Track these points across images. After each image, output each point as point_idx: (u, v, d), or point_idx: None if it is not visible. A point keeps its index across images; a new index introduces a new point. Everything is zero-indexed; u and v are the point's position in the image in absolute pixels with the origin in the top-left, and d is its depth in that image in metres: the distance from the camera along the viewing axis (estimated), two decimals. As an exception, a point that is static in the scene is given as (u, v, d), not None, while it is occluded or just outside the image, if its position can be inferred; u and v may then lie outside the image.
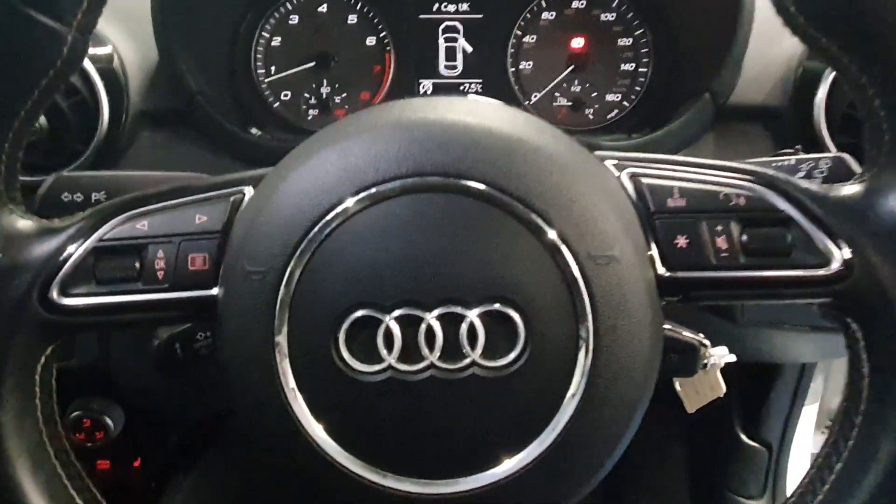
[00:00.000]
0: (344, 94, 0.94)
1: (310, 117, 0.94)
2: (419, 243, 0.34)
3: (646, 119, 0.92)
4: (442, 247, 0.34)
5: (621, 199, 0.37)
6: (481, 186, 0.34)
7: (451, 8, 0.93)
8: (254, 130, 0.86)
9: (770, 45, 0.79)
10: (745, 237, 0.36)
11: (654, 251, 0.37)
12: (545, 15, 0.92)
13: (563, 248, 0.34)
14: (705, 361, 0.44)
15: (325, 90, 0.93)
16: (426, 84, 0.95)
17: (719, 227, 0.36)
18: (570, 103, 0.93)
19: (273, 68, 0.92)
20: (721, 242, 0.36)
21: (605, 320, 0.34)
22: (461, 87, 0.95)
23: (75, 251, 0.37)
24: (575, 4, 0.91)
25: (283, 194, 0.36)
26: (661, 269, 0.37)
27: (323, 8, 0.92)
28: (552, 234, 0.34)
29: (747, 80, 0.79)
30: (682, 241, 0.36)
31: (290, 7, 0.92)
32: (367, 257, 0.34)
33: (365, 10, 0.92)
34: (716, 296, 0.38)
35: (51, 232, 0.37)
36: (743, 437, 1.01)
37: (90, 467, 0.80)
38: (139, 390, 0.78)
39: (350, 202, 0.35)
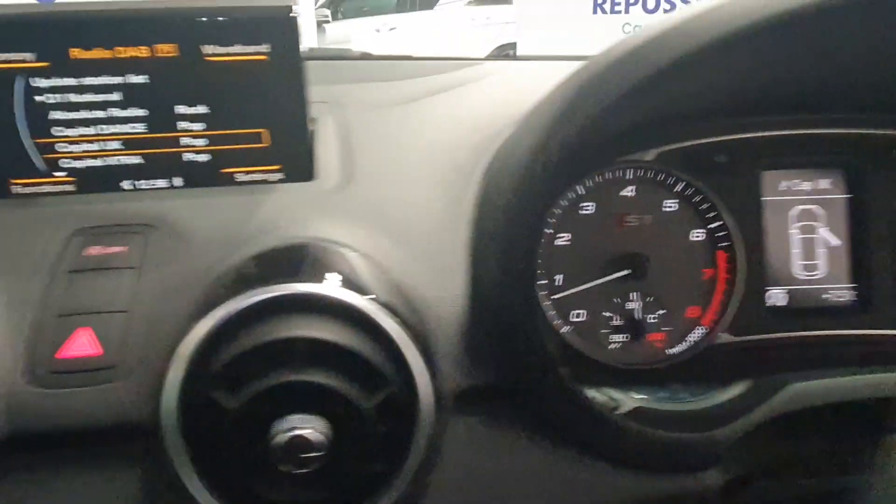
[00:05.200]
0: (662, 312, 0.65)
1: (611, 346, 0.65)
2: None
3: None
4: None
5: None
6: None
7: (807, 186, 0.66)
8: None
9: None
10: None
11: None
12: None
13: None
14: None
15: (633, 306, 0.65)
16: (775, 294, 0.67)
17: None
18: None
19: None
20: None
21: None
22: (822, 296, 0.67)
23: None
24: None
25: None
26: None
27: (629, 191, 0.65)
28: None
29: None
30: None
31: (580, 192, 0.64)
32: None
33: (689, 192, 0.65)
34: None
35: None
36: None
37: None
38: None
39: None
